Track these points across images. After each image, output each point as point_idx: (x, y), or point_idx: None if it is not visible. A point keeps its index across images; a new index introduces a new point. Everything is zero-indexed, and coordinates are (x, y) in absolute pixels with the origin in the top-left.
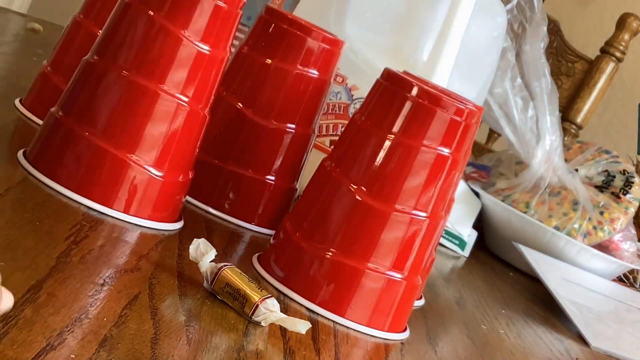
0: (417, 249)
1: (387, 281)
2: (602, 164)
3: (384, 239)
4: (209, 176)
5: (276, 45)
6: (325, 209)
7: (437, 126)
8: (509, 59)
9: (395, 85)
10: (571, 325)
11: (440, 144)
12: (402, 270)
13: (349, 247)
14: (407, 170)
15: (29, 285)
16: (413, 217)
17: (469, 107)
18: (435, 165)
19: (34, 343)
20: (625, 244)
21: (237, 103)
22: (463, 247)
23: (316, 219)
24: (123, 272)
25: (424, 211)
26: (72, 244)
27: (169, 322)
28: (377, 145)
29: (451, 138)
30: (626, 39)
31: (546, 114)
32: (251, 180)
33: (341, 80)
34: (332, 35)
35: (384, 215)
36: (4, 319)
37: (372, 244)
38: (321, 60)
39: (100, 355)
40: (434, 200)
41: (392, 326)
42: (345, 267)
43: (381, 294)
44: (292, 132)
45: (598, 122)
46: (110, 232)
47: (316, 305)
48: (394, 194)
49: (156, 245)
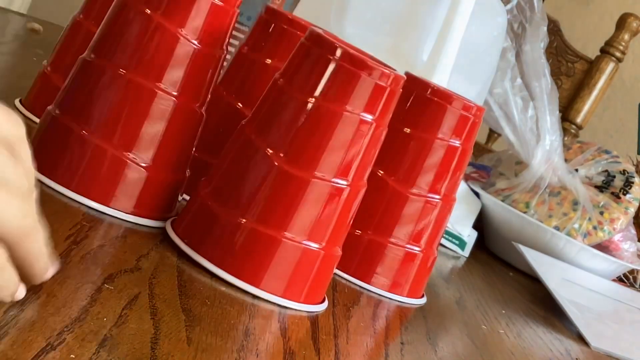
0: (337, 218)
1: (304, 251)
2: (602, 164)
3: (302, 208)
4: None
5: (276, 46)
6: (242, 173)
7: (360, 91)
8: (509, 59)
9: (317, 46)
10: (571, 325)
11: (364, 110)
12: (320, 240)
13: (265, 215)
14: (327, 136)
15: (29, 285)
16: (333, 185)
17: (395, 72)
18: (358, 131)
19: (34, 343)
20: (625, 244)
21: (237, 103)
22: (463, 247)
23: (231, 184)
24: (123, 272)
25: (345, 179)
26: (72, 244)
27: (169, 322)
28: (297, 108)
29: (375, 104)
30: (626, 39)
31: (546, 114)
32: None
33: None
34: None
35: (302, 182)
36: (4, 318)
37: (289, 213)
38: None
39: (100, 355)
40: (355, 168)
41: (307, 297)
42: (261, 236)
43: (297, 264)
44: None
45: (598, 122)
46: (110, 232)
47: (230, 275)
48: (313, 160)
49: (156, 245)
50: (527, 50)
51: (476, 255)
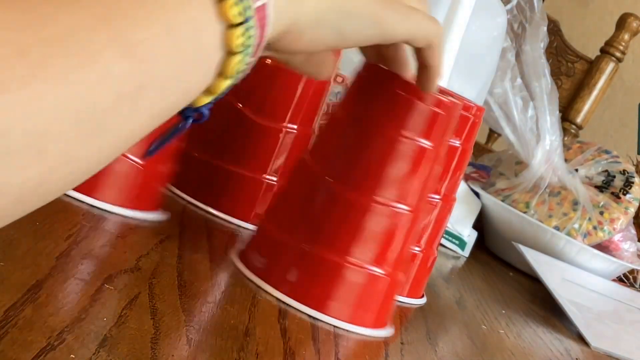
0: (400, 243)
1: (368, 276)
2: (602, 164)
3: (364, 233)
4: (207, 175)
5: None
6: (305, 202)
7: (417, 117)
8: (509, 59)
9: (375, 77)
10: (571, 325)
11: (421, 136)
12: (383, 265)
13: (329, 242)
14: (387, 162)
15: (29, 285)
16: (393, 209)
17: (450, 99)
18: (416, 157)
19: (34, 343)
20: (625, 244)
21: (237, 104)
22: (463, 247)
23: (295, 213)
24: (123, 272)
25: (405, 204)
26: (72, 244)
27: (169, 322)
28: (356, 137)
29: (432, 130)
30: (626, 39)
31: (546, 114)
32: (249, 179)
33: (341, 80)
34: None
35: (364, 208)
36: (4, 318)
37: (353, 238)
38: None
39: (100, 355)
40: (414, 193)
41: (375, 322)
42: (325, 261)
43: (363, 289)
44: (293, 132)
45: (598, 122)
46: (110, 232)
47: (296, 301)
48: (373, 186)
49: (156, 245)
50: (527, 50)
51: (476, 255)
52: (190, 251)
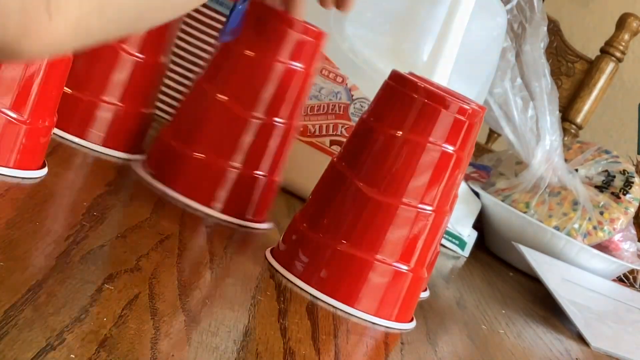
0: (423, 242)
1: (394, 273)
2: (602, 164)
3: (392, 232)
4: (204, 174)
5: (257, 37)
6: (336, 204)
7: (442, 125)
8: (509, 59)
9: (401, 86)
10: (571, 325)
11: (445, 142)
12: (408, 262)
13: (358, 240)
14: (413, 166)
15: (29, 285)
16: (419, 211)
17: (472, 106)
18: (440, 161)
19: (34, 343)
20: (625, 244)
21: (220, 94)
22: (463, 247)
23: (327, 214)
24: (123, 272)
25: (429, 205)
26: (72, 244)
27: (169, 322)
28: (383, 142)
29: (455, 136)
30: (626, 39)
31: (546, 114)
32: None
33: (341, 80)
34: (315, 28)
35: (391, 208)
36: (4, 318)
37: (380, 237)
38: (304, 53)
39: (100, 355)
40: (438, 195)
41: (398, 316)
42: (355, 259)
43: (388, 285)
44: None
45: (598, 122)
46: (110, 232)
47: (329, 297)
48: (401, 188)
49: (156, 245)
50: (527, 50)
51: (476, 255)
52: (190, 251)
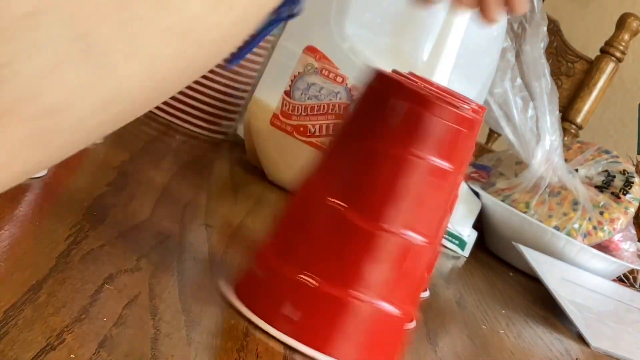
0: (410, 276)
1: (375, 312)
2: (602, 164)
3: (371, 264)
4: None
5: None
6: (304, 226)
7: (431, 134)
8: (509, 59)
9: (380, 85)
10: (571, 325)
11: (436, 155)
12: (393, 300)
13: (331, 272)
14: (394, 183)
15: (29, 285)
16: (404, 238)
17: (470, 113)
18: (429, 178)
19: (34, 343)
20: (625, 244)
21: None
22: (463, 247)
23: (293, 238)
24: (123, 272)
25: (418, 232)
26: (72, 244)
27: (169, 322)
28: (359, 153)
29: (449, 148)
30: (626, 39)
31: (546, 114)
32: None
33: (341, 80)
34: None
35: (370, 235)
36: (4, 318)
37: (356, 269)
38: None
39: (100, 355)
40: (428, 220)
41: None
42: (326, 296)
43: (369, 327)
44: None
45: (598, 122)
46: (110, 232)
47: (292, 339)
48: (382, 211)
49: (156, 245)
50: (527, 50)
51: (476, 255)
52: (189, 251)
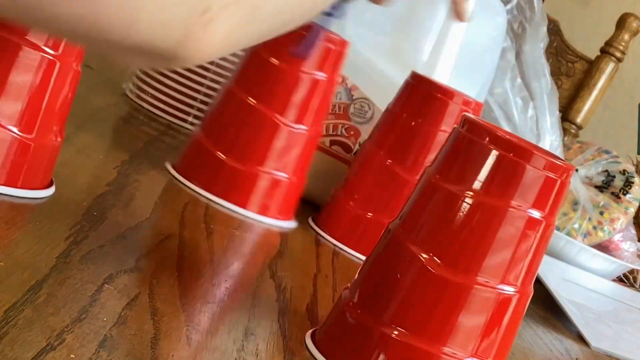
0: (504, 330)
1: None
2: (602, 164)
3: (463, 319)
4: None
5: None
6: (392, 280)
7: (527, 184)
8: (509, 59)
9: (475, 135)
10: (571, 325)
11: (532, 206)
12: (485, 357)
13: (420, 327)
14: (490, 236)
15: (29, 285)
16: (499, 292)
17: (564, 162)
18: (525, 230)
19: (34, 343)
20: (625, 244)
21: (248, 98)
22: None
23: (379, 292)
24: (123, 272)
25: (511, 285)
26: (72, 244)
27: (169, 322)
28: (453, 204)
29: (544, 198)
30: (626, 39)
31: (546, 114)
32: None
33: (341, 80)
34: (338, 36)
35: (462, 289)
36: (4, 318)
37: (447, 324)
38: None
39: (100, 355)
40: (522, 273)
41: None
42: (416, 350)
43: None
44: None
45: (598, 122)
46: (110, 232)
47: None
48: (474, 264)
49: (156, 245)
50: (527, 50)
51: None
52: (190, 251)
